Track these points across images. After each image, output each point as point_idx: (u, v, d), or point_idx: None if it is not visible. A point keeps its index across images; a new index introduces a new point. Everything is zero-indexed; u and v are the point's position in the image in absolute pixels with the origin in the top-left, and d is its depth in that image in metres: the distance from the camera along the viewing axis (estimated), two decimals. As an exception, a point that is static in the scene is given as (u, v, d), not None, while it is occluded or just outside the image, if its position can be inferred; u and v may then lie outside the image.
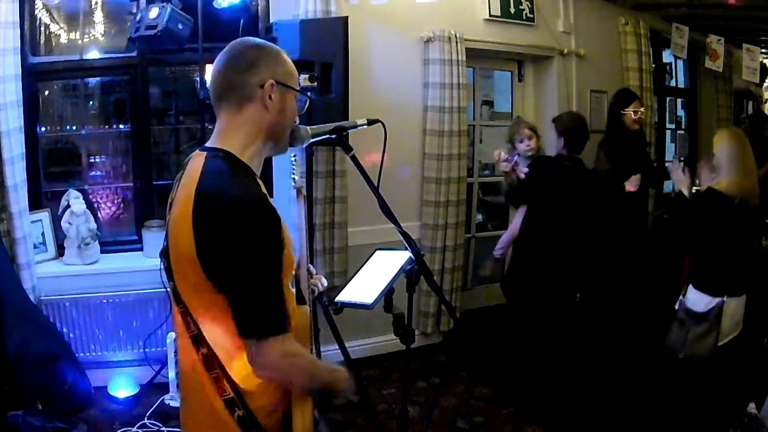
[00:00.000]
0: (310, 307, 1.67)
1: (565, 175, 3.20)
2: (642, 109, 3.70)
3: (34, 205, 3.29)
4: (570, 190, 3.17)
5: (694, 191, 2.77)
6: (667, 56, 5.72)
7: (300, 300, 1.45)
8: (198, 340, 1.24)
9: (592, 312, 3.49)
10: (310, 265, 2.04)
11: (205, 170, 1.21)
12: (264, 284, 1.17)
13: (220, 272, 1.17)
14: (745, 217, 2.60)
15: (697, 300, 2.66)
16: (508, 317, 3.56)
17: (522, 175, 3.42)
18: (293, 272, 1.39)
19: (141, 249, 3.49)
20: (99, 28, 3.53)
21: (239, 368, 1.24)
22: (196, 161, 1.25)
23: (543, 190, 3.25)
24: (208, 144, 1.30)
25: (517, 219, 3.49)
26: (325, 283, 1.90)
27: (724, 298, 2.58)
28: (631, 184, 3.47)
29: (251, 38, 1.36)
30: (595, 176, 3.18)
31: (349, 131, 1.58)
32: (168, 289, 1.34)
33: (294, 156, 2.32)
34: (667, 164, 5.15)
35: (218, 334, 1.23)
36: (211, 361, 1.24)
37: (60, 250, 3.38)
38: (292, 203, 2.17)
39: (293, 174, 2.35)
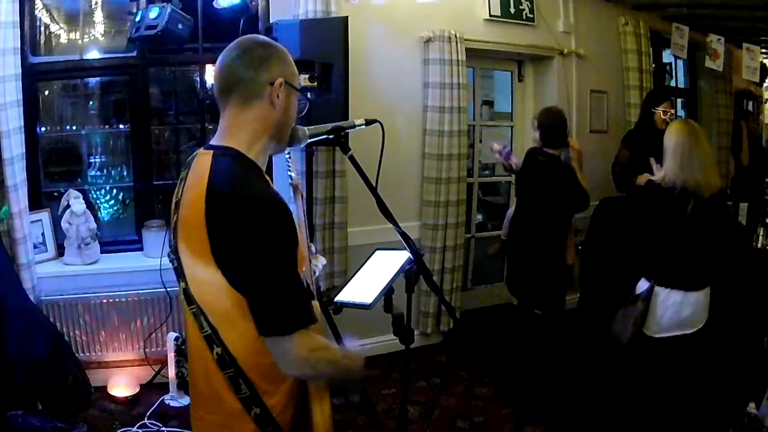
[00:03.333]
0: (319, 299, 1.67)
1: (536, 167, 3.27)
2: (672, 111, 3.73)
3: (34, 205, 3.28)
4: (540, 183, 3.25)
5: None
6: (667, 56, 5.71)
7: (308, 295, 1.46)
8: (212, 339, 1.23)
9: (592, 311, 3.49)
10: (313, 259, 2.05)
11: (214, 170, 1.20)
12: (285, 280, 1.16)
13: (239, 273, 1.16)
14: (691, 208, 2.50)
15: (640, 285, 2.66)
16: (510, 316, 3.56)
17: (514, 166, 3.55)
18: (303, 267, 1.40)
19: (141, 249, 3.49)
20: (99, 28, 3.54)
21: (255, 366, 1.24)
22: (203, 160, 1.24)
23: (520, 180, 3.45)
24: (212, 142, 1.29)
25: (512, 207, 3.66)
26: (324, 261, 1.89)
27: (652, 283, 2.56)
28: (638, 181, 3.57)
29: (259, 36, 1.36)
30: (569, 171, 3.21)
31: (347, 131, 1.58)
32: (178, 290, 1.33)
33: (288, 154, 2.33)
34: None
35: (233, 333, 1.22)
36: (227, 360, 1.23)
37: (60, 250, 3.39)
38: (290, 202, 2.17)
39: (289, 171, 2.36)
